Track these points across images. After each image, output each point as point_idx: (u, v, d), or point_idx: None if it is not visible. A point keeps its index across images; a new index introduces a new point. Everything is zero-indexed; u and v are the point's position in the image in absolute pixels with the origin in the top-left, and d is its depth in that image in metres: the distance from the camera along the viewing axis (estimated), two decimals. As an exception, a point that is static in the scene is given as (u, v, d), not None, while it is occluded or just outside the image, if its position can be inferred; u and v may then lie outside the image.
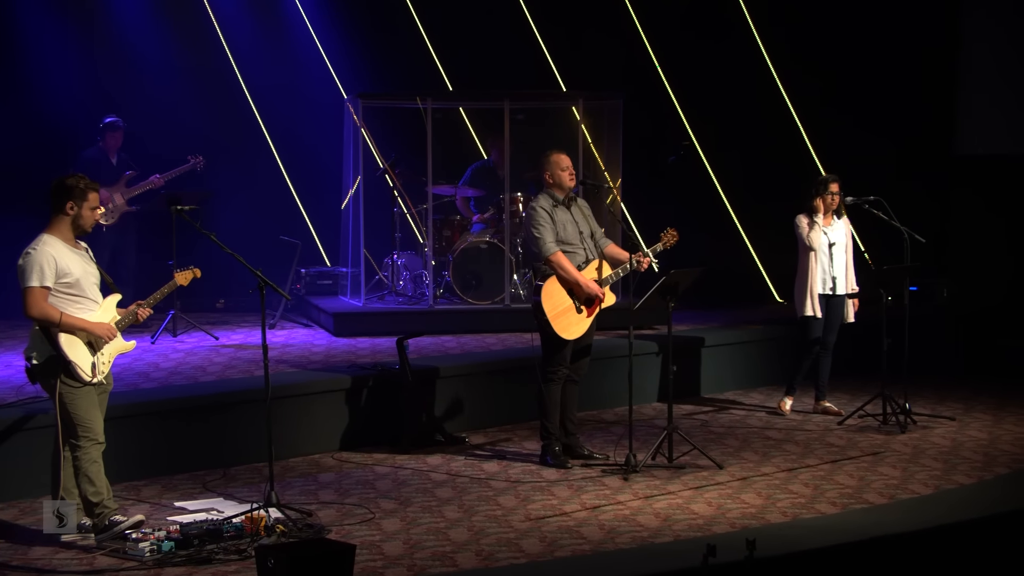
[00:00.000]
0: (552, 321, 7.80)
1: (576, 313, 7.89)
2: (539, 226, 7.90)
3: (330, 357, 9.81)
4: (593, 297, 7.89)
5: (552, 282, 7.87)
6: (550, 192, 8.05)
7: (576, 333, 7.92)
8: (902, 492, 7.22)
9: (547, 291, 7.84)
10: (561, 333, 7.84)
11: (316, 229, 13.41)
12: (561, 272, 7.86)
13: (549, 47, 13.31)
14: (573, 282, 7.86)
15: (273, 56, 13.28)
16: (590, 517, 6.86)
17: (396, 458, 8.29)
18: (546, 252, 7.87)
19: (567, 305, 7.87)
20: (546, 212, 7.94)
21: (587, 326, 7.96)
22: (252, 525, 6.48)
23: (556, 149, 8.22)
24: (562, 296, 7.87)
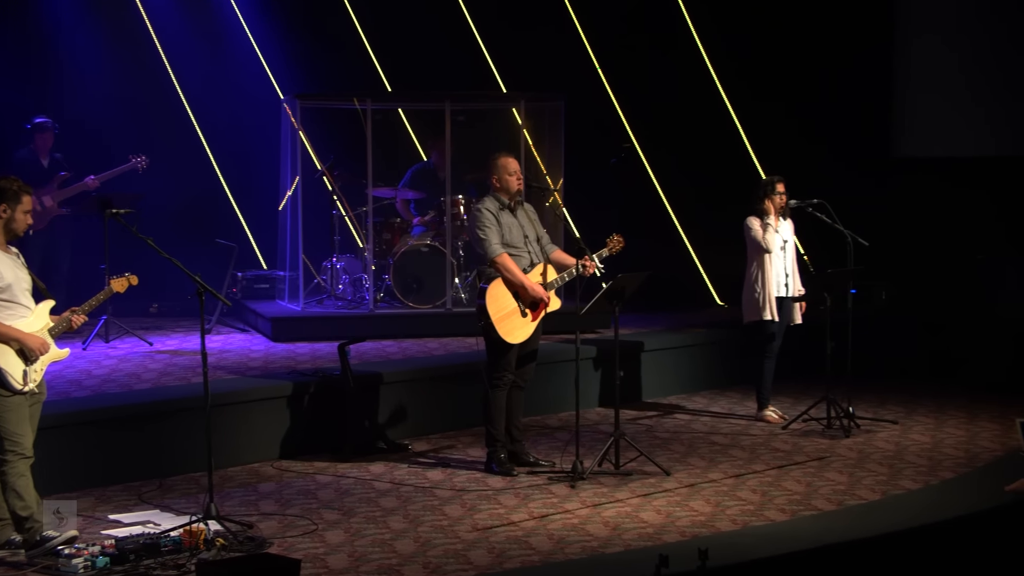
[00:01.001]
0: (496, 324, 7.69)
1: (521, 317, 7.79)
2: (485, 227, 7.79)
3: (269, 363, 9.61)
4: (538, 301, 7.80)
5: (497, 284, 7.76)
6: (496, 195, 7.96)
7: (520, 337, 7.81)
8: (850, 498, 7.20)
9: (492, 294, 7.73)
10: (506, 337, 7.73)
11: (252, 232, 13.18)
12: (507, 274, 7.75)
13: (489, 48, 13.20)
14: (519, 285, 7.76)
15: (208, 56, 13.03)
16: (538, 526, 6.75)
17: (338, 467, 8.12)
18: (492, 253, 7.76)
19: (512, 308, 7.77)
20: (491, 214, 7.84)
21: (531, 330, 7.86)
22: (191, 539, 6.28)
23: (504, 152, 8.13)
24: (507, 299, 7.76)
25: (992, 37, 12.18)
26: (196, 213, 12.63)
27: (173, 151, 12.71)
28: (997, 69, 12.14)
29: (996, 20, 12.18)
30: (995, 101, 12.12)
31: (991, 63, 12.17)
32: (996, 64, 12.15)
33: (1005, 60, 12.09)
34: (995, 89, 12.14)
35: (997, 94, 12.12)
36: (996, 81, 12.13)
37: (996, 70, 12.14)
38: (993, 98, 12.13)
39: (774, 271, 9.21)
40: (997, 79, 12.13)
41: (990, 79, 12.15)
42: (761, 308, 9.19)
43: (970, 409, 9.66)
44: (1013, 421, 8.64)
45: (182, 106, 13.06)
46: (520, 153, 11.44)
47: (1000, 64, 12.12)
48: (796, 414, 9.23)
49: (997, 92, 12.13)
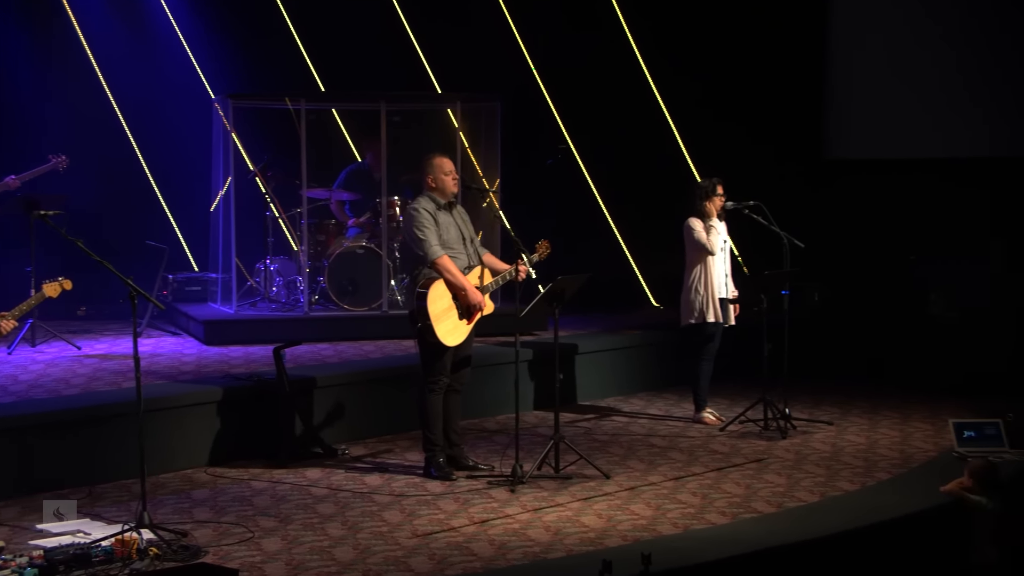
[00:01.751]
0: (435, 326, 7.62)
1: (458, 319, 7.73)
2: (423, 228, 7.70)
3: (202, 367, 9.44)
4: (475, 304, 7.72)
5: (438, 286, 7.67)
6: (432, 195, 7.86)
7: (457, 339, 7.74)
8: (789, 500, 7.22)
9: (432, 295, 7.64)
10: (443, 339, 7.66)
11: (184, 233, 12.95)
12: (448, 276, 7.67)
13: (423, 48, 13.11)
14: (459, 287, 7.68)
15: (137, 54, 12.76)
16: (479, 532, 6.68)
17: (274, 472, 7.99)
18: (432, 255, 7.67)
19: (450, 311, 7.70)
20: (429, 214, 7.75)
21: (467, 333, 7.80)
22: (123, 548, 6.13)
23: (439, 153, 8.06)
24: (446, 301, 7.68)
25: (926, 39, 12.32)
26: (126, 214, 12.38)
27: (102, 151, 12.45)
28: (930, 71, 12.28)
29: (930, 22, 12.33)
30: (928, 103, 12.26)
31: (925, 65, 12.31)
32: (929, 66, 12.29)
33: (938, 61, 12.24)
34: (927, 91, 12.28)
35: (929, 96, 12.26)
36: (928, 83, 12.28)
37: (929, 72, 12.29)
38: (926, 100, 12.27)
39: (718, 273, 9.22)
40: (930, 81, 12.27)
41: (923, 81, 12.30)
42: (704, 310, 9.20)
43: (903, 410, 9.76)
44: (945, 422, 8.78)
45: (110, 105, 12.79)
46: (456, 154, 11.38)
47: (933, 66, 12.27)
48: (733, 416, 9.25)
49: (929, 94, 12.27)
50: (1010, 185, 11.77)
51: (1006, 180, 11.81)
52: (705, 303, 9.19)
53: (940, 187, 12.04)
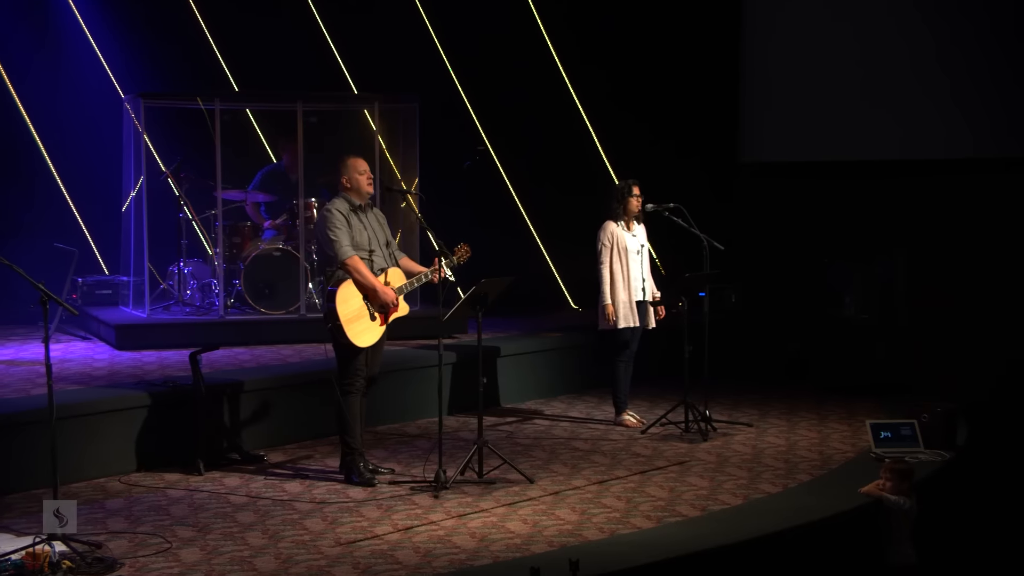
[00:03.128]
0: (345, 326, 7.55)
1: (370, 320, 7.66)
2: (335, 228, 7.63)
3: (114, 372, 9.20)
4: (387, 305, 7.67)
5: (347, 286, 7.61)
6: (346, 196, 7.80)
7: (369, 340, 7.68)
8: (713, 503, 7.23)
9: (341, 296, 7.58)
10: (354, 340, 7.59)
11: (93, 236, 12.62)
12: (358, 276, 7.61)
13: (339, 48, 12.96)
14: (369, 287, 7.62)
15: (43, 52, 12.42)
16: (403, 539, 6.59)
17: (190, 480, 7.81)
18: (342, 255, 7.60)
19: (361, 312, 7.63)
20: (342, 215, 7.69)
21: (380, 333, 7.74)
22: (34, 561, 5.93)
23: (353, 154, 7.99)
24: (356, 301, 7.62)
25: (838, 40, 12.49)
26: (31, 217, 12.02)
27: (7, 152, 12.10)
28: (843, 73, 12.45)
29: (842, 23, 12.50)
30: (840, 106, 12.43)
31: (837, 66, 12.48)
32: (842, 68, 12.47)
33: (851, 63, 12.41)
34: (841, 93, 12.45)
35: (843, 98, 12.43)
36: (842, 85, 12.45)
37: (842, 74, 12.46)
38: (838, 103, 12.45)
39: (631, 276, 9.22)
40: (843, 83, 12.45)
41: (836, 83, 12.47)
42: (614, 314, 9.19)
43: (819, 411, 9.88)
44: (862, 422, 8.90)
45: (15, 104, 12.43)
46: (374, 155, 11.28)
47: (846, 67, 12.44)
48: (654, 418, 9.27)
49: (841, 97, 12.44)
50: (919, 187, 11.99)
51: (915, 182, 12.03)
52: (615, 307, 9.17)
53: (852, 189, 12.22)
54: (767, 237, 12.49)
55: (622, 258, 9.20)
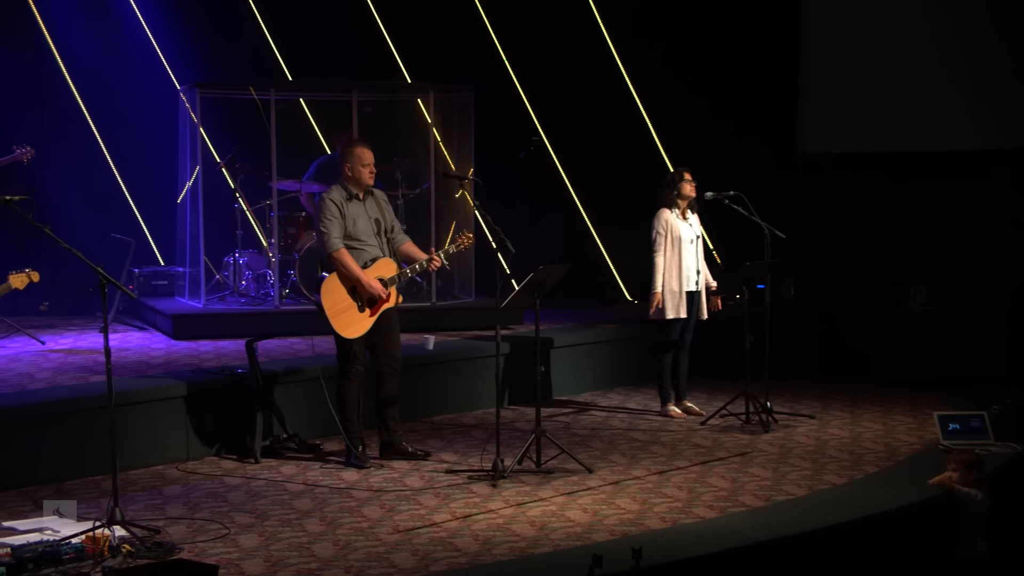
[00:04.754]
0: (332, 319, 7.60)
1: (358, 312, 7.67)
2: (326, 219, 7.67)
3: (171, 361, 9.20)
4: (376, 297, 7.65)
5: (333, 279, 7.66)
6: (345, 184, 7.82)
7: (357, 332, 7.67)
8: (777, 494, 7.09)
9: (327, 288, 7.63)
10: (341, 331, 7.62)
11: (149, 227, 12.67)
12: (343, 269, 7.64)
13: (392, 38, 12.91)
14: (355, 280, 7.63)
15: (101, 44, 12.47)
16: (462, 527, 6.51)
17: (247, 468, 7.78)
18: (330, 248, 7.64)
19: (348, 303, 7.65)
20: (336, 205, 7.70)
21: (369, 325, 7.71)
22: (94, 545, 5.90)
23: (361, 141, 8.02)
24: (342, 294, 7.64)
25: (899, 32, 12.26)
26: (89, 207, 12.07)
27: (65, 143, 12.18)
28: (904, 63, 12.22)
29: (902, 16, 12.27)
30: (903, 97, 12.20)
31: (898, 58, 12.25)
32: (903, 58, 12.23)
33: (912, 54, 12.18)
34: (904, 84, 12.21)
35: (905, 89, 12.19)
36: (905, 76, 12.21)
37: (903, 65, 12.23)
38: (901, 94, 12.21)
39: (684, 266, 9.08)
40: (905, 74, 12.21)
41: (899, 72, 12.23)
42: (665, 304, 9.04)
43: (883, 403, 9.68)
44: (928, 414, 8.73)
45: (73, 96, 12.50)
46: (429, 145, 11.23)
47: (907, 58, 12.21)
48: (714, 410, 9.13)
49: (906, 87, 12.21)
50: (985, 178, 11.73)
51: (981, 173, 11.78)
52: (667, 298, 9.03)
53: (914, 180, 11.98)
54: (826, 228, 12.25)
55: (676, 247, 9.06)
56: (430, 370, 9.44)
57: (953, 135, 11.99)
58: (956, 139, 11.97)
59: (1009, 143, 11.72)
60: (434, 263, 7.86)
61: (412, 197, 11.44)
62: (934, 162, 11.93)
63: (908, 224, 11.72)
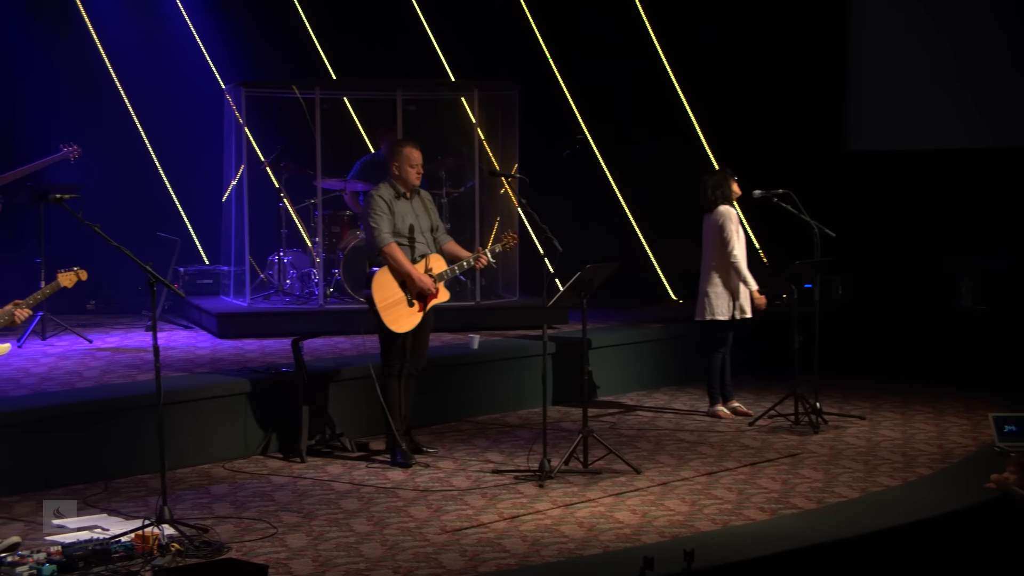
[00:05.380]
0: (382, 312, 7.63)
1: (408, 306, 7.70)
2: (376, 215, 7.71)
3: (217, 360, 9.22)
4: (426, 291, 7.69)
5: (384, 272, 7.69)
6: (393, 182, 7.86)
7: (407, 326, 7.71)
8: (829, 496, 6.98)
9: (378, 282, 7.66)
10: (391, 325, 7.64)
11: (193, 226, 12.71)
12: (394, 263, 7.68)
13: (436, 36, 12.88)
14: (405, 274, 7.67)
15: (145, 43, 12.53)
16: (510, 528, 6.45)
17: (293, 467, 7.77)
18: (380, 243, 7.68)
19: (398, 297, 7.68)
20: (384, 201, 7.76)
21: (417, 320, 7.75)
22: (143, 544, 5.90)
23: (410, 142, 8.03)
24: (393, 288, 7.68)
25: (949, 28, 12.08)
26: (135, 206, 12.14)
27: (110, 142, 12.22)
28: (954, 60, 12.04)
29: (953, 11, 12.09)
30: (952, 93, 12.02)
31: (948, 54, 12.07)
32: (953, 55, 12.06)
33: (962, 51, 12.00)
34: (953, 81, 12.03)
35: (954, 86, 12.02)
36: (954, 73, 12.03)
37: (953, 61, 12.05)
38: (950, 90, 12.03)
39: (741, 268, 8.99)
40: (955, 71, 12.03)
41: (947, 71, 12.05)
42: (723, 304, 8.95)
43: (935, 404, 9.54)
44: (982, 416, 8.59)
45: (119, 95, 12.57)
46: (474, 143, 11.19)
47: (957, 55, 12.03)
48: (762, 410, 9.03)
49: (954, 84, 12.03)
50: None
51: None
52: (725, 298, 8.94)
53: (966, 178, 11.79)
54: (875, 227, 12.07)
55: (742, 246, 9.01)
56: (475, 369, 9.40)
57: (1006, 132, 11.80)
58: (1009, 136, 11.78)
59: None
60: (481, 261, 7.92)
61: (456, 196, 11.41)
62: (986, 159, 11.74)
63: (959, 222, 11.54)
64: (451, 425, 8.96)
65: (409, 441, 7.96)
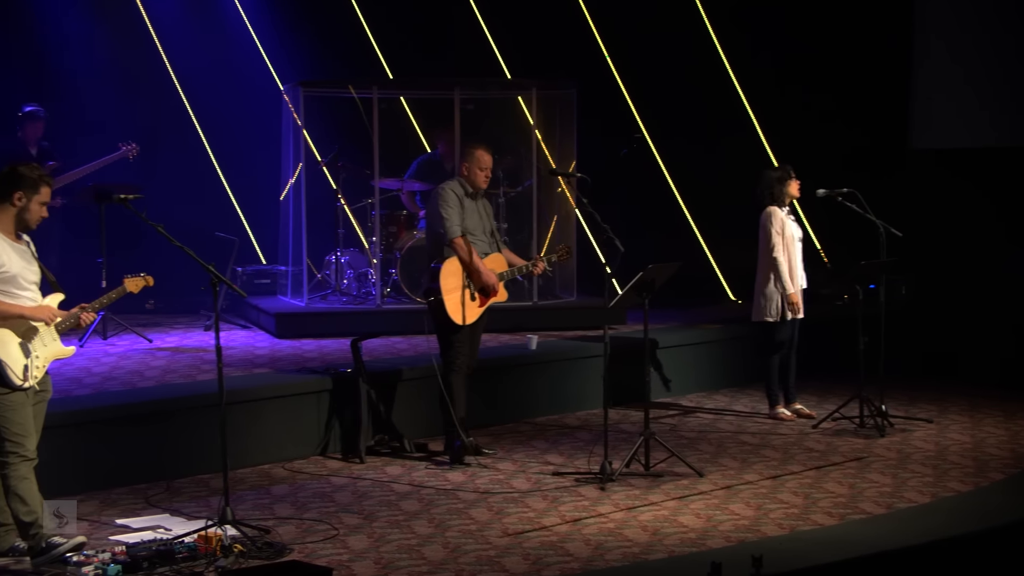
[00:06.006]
0: (446, 301, 7.65)
1: (470, 300, 7.73)
2: (447, 207, 7.76)
3: (276, 360, 9.21)
4: (489, 288, 7.73)
5: (451, 263, 7.72)
6: (462, 181, 7.90)
7: (468, 319, 7.73)
8: (899, 501, 6.84)
9: (445, 271, 7.71)
10: (453, 316, 7.67)
11: (251, 226, 12.74)
12: (463, 255, 7.72)
13: (492, 35, 12.82)
14: (473, 267, 7.73)
15: (204, 43, 12.58)
16: (572, 531, 6.38)
17: (352, 467, 7.75)
18: (451, 234, 7.72)
19: (462, 290, 7.72)
20: (456, 196, 7.81)
21: (478, 314, 7.79)
22: (206, 544, 5.89)
23: (483, 145, 8.02)
24: (458, 279, 7.73)
25: (1015, 24, 11.84)
26: (192, 206, 12.18)
27: (169, 142, 12.30)
28: (1017, 58, 11.80)
29: (1018, 7, 11.85)
30: (1016, 91, 11.77)
31: (1012, 52, 11.83)
32: (1016, 53, 11.81)
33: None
34: (1018, 78, 11.78)
35: (1019, 83, 11.77)
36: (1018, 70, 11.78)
37: (1016, 59, 11.80)
38: (1015, 87, 11.78)
39: (795, 265, 8.85)
40: (1018, 68, 11.78)
41: (1013, 68, 11.80)
42: (778, 305, 8.82)
43: (1003, 407, 9.34)
44: (1054, 419, 8.37)
45: (177, 96, 12.63)
46: (531, 142, 11.12)
47: (1020, 52, 11.78)
48: (823, 412, 8.88)
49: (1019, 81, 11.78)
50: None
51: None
52: (776, 301, 8.81)
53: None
54: (938, 226, 11.85)
55: (788, 247, 8.85)
56: (533, 370, 9.34)
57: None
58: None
59: None
60: (538, 267, 8.02)
61: (513, 195, 11.35)
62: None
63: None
64: (509, 426, 8.90)
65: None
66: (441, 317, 7.70)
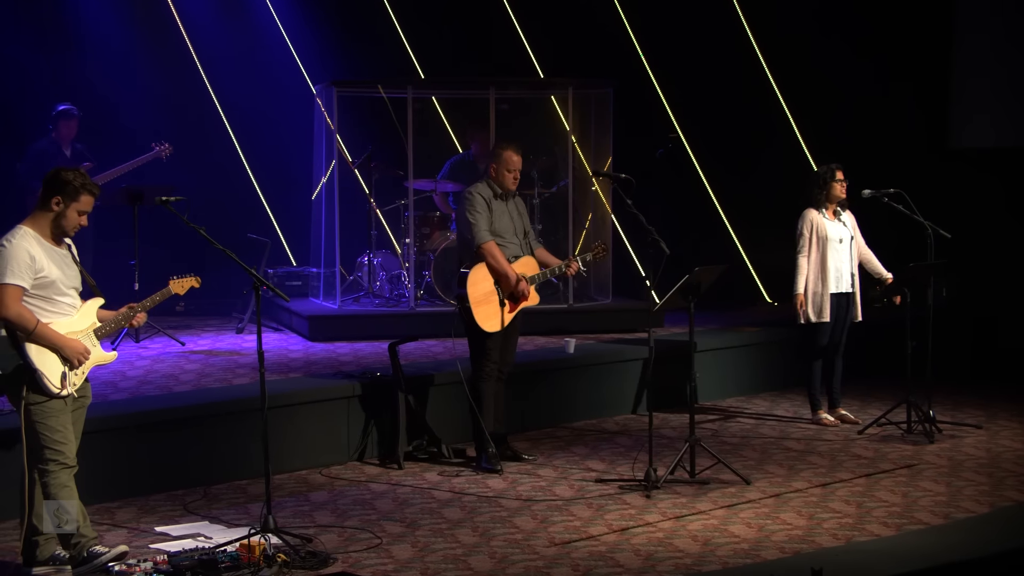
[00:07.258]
0: (473, 308, 7.48)
1: (499, 306, 7.57)
2: (475, 212, 7.61)
3: (310, 363, 9.10)
4: (519, 293, 7.57)
5: (479, 269, 7.56)
6: (490, 183, 7.74)
7: (495, 326, 7.57)
8: (955, 511, 6.67)
9: (473, 278, 7.54)
10: (482, 324, 7.50)
11: (282, 227, 12.64)
12: (492, 261, 7.56)
13: (526, 34, 12.68)
14: (502, 273, 7.56)
15: (236, 44, 12.48)
16: (621, 541, 6.23)
17: (391, 474, 7.62)
18: (479, 240, 7.56)
19: (491, 296, 7.55)
20: (483, 200, 7.66)
21: (508, 321, 7.62)
22: (249, 554, 5.77)
23: (513, 146, 7.84)
24: (487, 285, 7.56)
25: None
26: (224, 207, 12.07)
27: (201, 142, 12.20)
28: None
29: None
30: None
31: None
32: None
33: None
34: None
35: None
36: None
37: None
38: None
39: (832, 267, 8.67)
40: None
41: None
42: (812, 307, 8.65)
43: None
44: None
45: (208, 96, 12.53)
46: (567, 142, 10.98)
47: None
48: (868, 418, 8.71)
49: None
50: None
51: None
52: (813, 301, 8.64)
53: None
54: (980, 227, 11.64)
55: (820, 248, 8.66)
56: (570, 374, 9.20)
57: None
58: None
59: None
60: (572, 268, 7.83)
61: (548, 196, 11.21)
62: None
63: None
64: (547, 431, 8.77)
65: (507, 448, 7.79)
66: (471, 322, 7.57)
